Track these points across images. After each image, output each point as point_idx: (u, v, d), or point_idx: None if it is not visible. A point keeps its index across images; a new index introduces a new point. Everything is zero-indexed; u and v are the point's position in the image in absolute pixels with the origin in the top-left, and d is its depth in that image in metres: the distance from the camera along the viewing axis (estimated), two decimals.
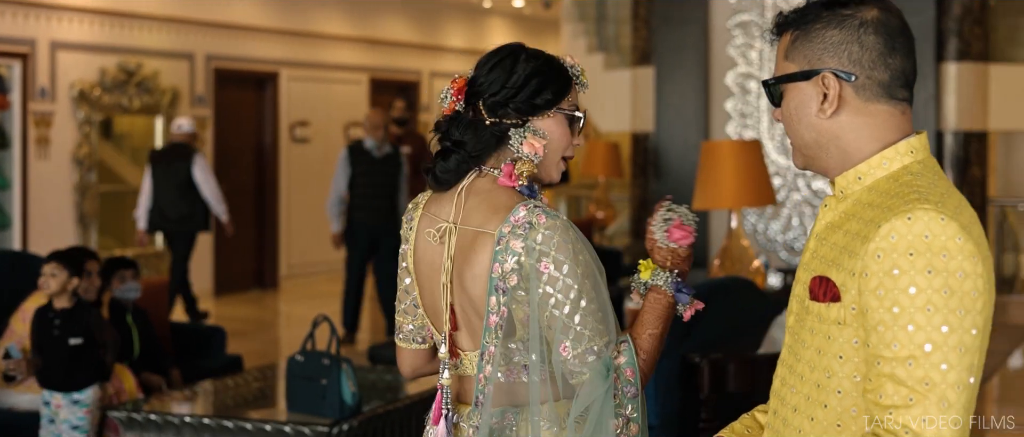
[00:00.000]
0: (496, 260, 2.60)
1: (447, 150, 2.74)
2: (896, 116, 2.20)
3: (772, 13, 11.38)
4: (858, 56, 2.17)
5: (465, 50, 18.67)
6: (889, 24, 2.17)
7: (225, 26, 14.29)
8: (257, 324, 12.46)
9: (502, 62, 2.75)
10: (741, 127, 11.52)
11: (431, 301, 2.80)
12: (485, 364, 2.64)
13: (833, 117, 2.21)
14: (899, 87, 2.19)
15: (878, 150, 2.20)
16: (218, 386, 6.40)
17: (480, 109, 2.73)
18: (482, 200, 2.70)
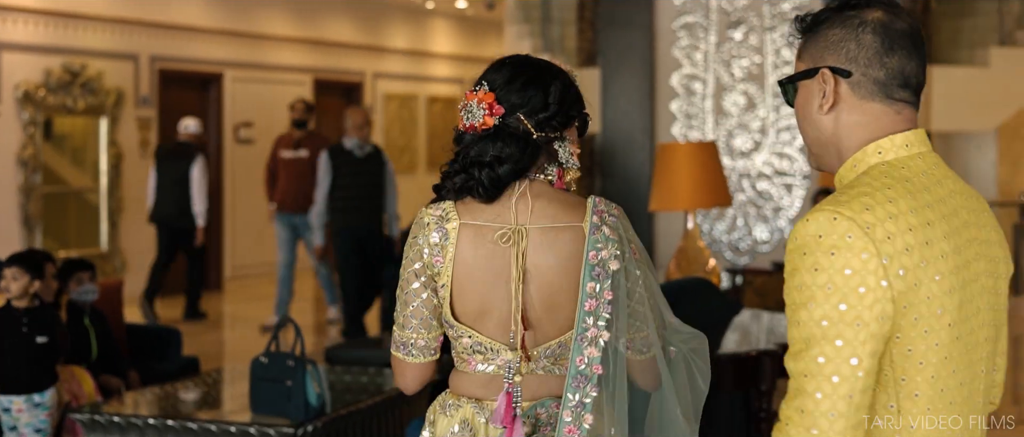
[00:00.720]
0: (592, 248, 2.77)
1: (491, 163, 2.85)
2: (890, 115, 2.24)
3: (717, 15, 11.50)
4: (855, 53, 2.23)
5: (408, 51, 18.68)
6: (892, 26, 2.23)
7: (169, 27, 14.24)
8: (202, 325, 12.41)
9: (534, 80, 2.90)
10: (686, 128, 11.62)
11: (478, 305, 2.86)
12: (585, 346, 2.75)
13: (830, 113, 2.27)
14: (897, 87, 2.24)
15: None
16: (179, 388, 6.40)
17: (525, 123, 2.87)
18: (550, 201, 2.87)
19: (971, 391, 2.19)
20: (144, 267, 13.83)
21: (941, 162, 2.27)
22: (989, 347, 2.24)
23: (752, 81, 11.42)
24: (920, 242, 2.10)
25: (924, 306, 2.09)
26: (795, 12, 11.26)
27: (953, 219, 2.17)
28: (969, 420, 2.18)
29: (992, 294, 2.23)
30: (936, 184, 2.20)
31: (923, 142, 2.25)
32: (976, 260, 2.19)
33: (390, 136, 18.17)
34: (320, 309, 14.00)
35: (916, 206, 2.13)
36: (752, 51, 11.41)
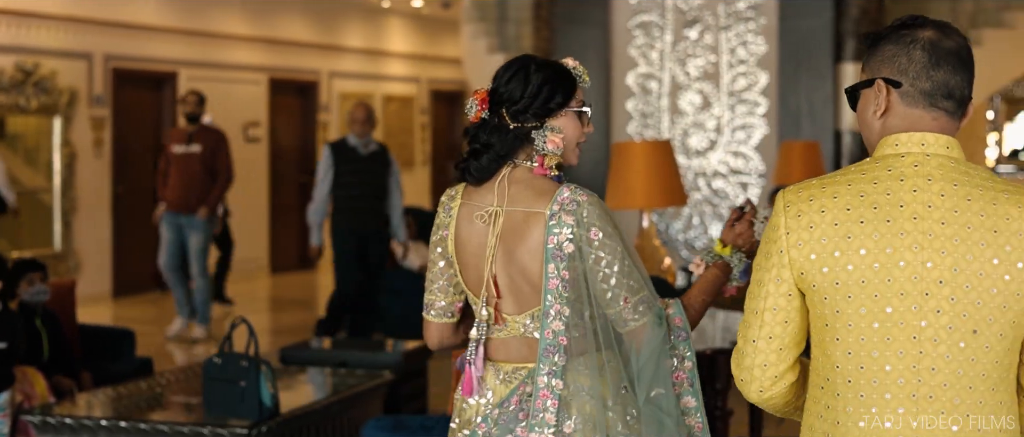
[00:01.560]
0: (551, 233, 3.11)
1: (478, 151, 3.25)
2: (927, 120, 2.51)
3: (672, 14, 11.53)
4: (905, 67, 2.52)
5: (364, 50, 18.63)
6: (940, 44, 2.51)
7: (123, 26, 14.14)
8: (157, 325, 12.33)
9: (517, 74, 3.24)
10: (642, 127, 11.64)
11: (475, 275, 3.26)
12: (551, 321, 3.13)
13: (882, 118, 2.56)
14: (941, 97, 2.51)
15: None
16: (132, 389, 6.35)
17: (504, 116, 3.23)
18: (525, 187, 3.21)
19: (895, 368, 2.43)
20: (98, 267, 13.74)
21: (948, 166, 2.47)
22: (934, 334, 2.42)
23: (708, 80, 11.45)
24: (841, 235, 2.44)
25: (831, 289, 2.44)
26: (749, 11, 11.33)
27: (892, 210, 2.43)
28: (890, 388, 2.43)
29: (944, 285, 2.41)
30: (906, 180, 2.45)
31: (943, 145, 2.49)
32: (911, 250, 2.41)
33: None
34: (276, 308, 13.96)
35: (844, 193, 2.46)
36: (708, 50, 11.44)
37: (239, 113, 16.00)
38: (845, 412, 2.47)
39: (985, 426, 2.46)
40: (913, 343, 2.42)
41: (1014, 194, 2.45)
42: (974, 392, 2.43)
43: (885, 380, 2.43)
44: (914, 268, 2.41)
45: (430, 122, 20.48)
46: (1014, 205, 2.43)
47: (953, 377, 2.42)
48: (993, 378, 2.45)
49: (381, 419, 5.71)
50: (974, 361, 2.42)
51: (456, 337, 3.42)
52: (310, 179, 17.32)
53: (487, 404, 3.27)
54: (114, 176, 14.06)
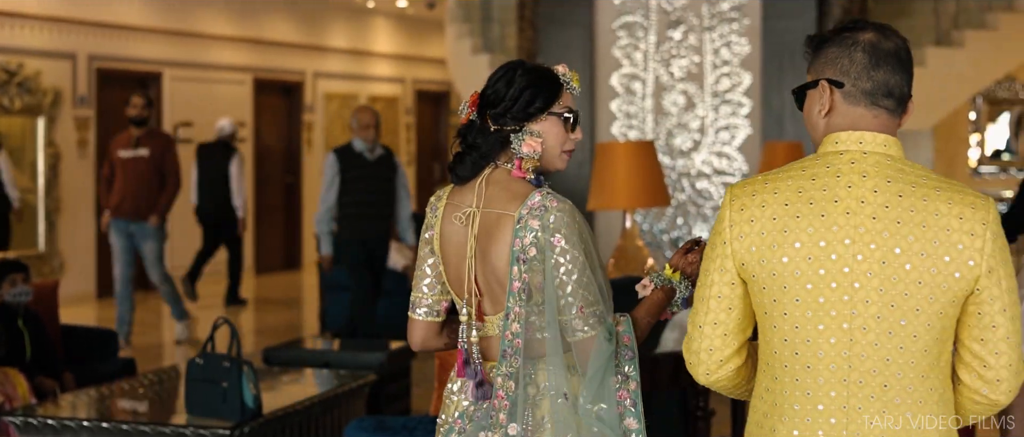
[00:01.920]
0: (517, 236, 3.15)
1: (463, 152, 3.30)
2: (868, 118, 2.68)
3: (656, 15, 11.54)
4: (847, 68, 2.67)
5: (349, 50, 18.62)
6: (880, 46, 2.67)
7: (108, 26, 14.12)
8: (141, 326, 12.32)
9: (503, 78, 3.28)
10: (626, 127, 11.65)
11: (457, 275, 3.31)
12: (511, 322, 3.16)
13: (827, 117, 2.71)
14: (882, 96, 2.67)
15: None
16: (115, 390, 6.35)
17: (487, 118, 3.27)
18: (501, 189, 3.25)
19: (827, 354, 2.59)
20: (82, 267, 13.72)
21: (883, 163, 2.63)
22: (863, 323, 2.58)
23: (692, 81, 11.46)
24: (778, 229, 2.61)
25: (769, 279, 2.61)
26: (733, 11, 11.35)
27: (826, 205, 2.59)
28: (823, 373, 2.60)
29: (874, 277, 2.57)
30: (842, 176, 2.61)
31: (880, 143, 2.65)
32: (842, 244, 2.57)
33: (331, 135, 18.11)
34: (260, 309, 13.94)
35: (784, 189, 2.63)
36: (692, 51, 11.46)
37: (224, 113, 15.97)
38: (782, 394, 2.65)
39: (911, 412, 2.60)
40: (844, 331, 2.58)
41: (945, 191, 2.60)
42: (903, 378, 2.59)
43: (818, 365, 2.60)
44: (845, 260, 2.57)
45: (415, 122, 20.48)
46: (943, 202, 2.58)
47: (882, 363, 2.58)
48: (922, 366, 2.60)
49: (363, 420, 5.71)
50: (902, 349, 2.57)
51: (439, 340, 3.45)
52: (295, 180, 17.36)
53: (466, 400, 3.33)
54: (98, 177, 14.02)
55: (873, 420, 2.59)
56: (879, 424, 2.59)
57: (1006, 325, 2.61)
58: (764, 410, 2.70)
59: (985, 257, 2.57)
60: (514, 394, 3.18)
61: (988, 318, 2.61)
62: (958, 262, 2.56)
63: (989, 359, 2.63)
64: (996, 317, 2.60)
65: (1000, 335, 2.61)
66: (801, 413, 2.62)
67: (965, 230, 2.57)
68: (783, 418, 2.65)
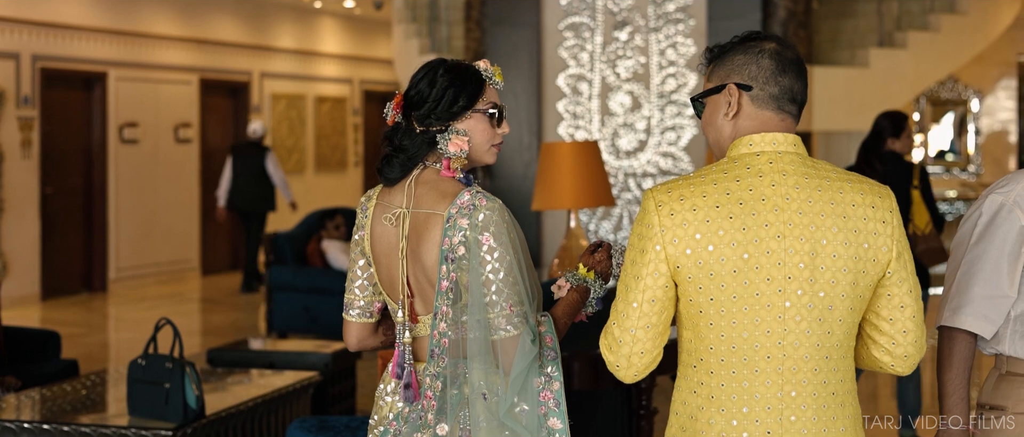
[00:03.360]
0: (446, 235, 3.16)
1: (390, 154, 3.30)
2: (775, 121, 2.85)
3: (602, 16, 11.57)
4: (755, 73, 2.84)
5: (296, 51, 18.56)
6: (783, 54, 2.85)
7: (51, 25, 14.02)
8: (86, 327, 12.25)
9: (425, 78, 3.29)
10: (573, 128, 11.68)
11: (388, 275, 3.32)
12: (439, 322, 3.20)
13: (734, 120, 2.86)
14: (787, 101, 2.85)
15: None
16: (56, 391, 6.30)
17: (412, 120, 3.28)
18: (430, 188, 3.25)
19: (763, 345, 2.73)
20: (27, 268, 13.60)
21: (794, 159, 2.80)
22: (797, 313, 2.73)
23: (637, 81, 11.50)
24: (712, 231, 2.72)
25: (706, 279, 2.72)
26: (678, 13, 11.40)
27: (755, 204, 2.73)
28: (759, 364, 2.73)
29: (805, 268, 2.73)
30: (764, 176, 2.76)
31: (791, 143, 2.82)
32: (775, 239, 2.72)
33: (278, 136, 18.06)
34: (206, 310, 13.88)
35: (712, 192, 2.74)
36: (637, 51, 11.50)
37: (170, 114, 15.91)
38: (719, 387, 2.76)
39: (836, 390, 2.79)
40: (779, 322, 2.73)
41: (856, 183, 2.80)
42: (830, 361, 2.77)
43: (754, 357, 2.74)
44: (778, 255, 2.72)
45: (363, 123, 20.44)
46: (857, 193, 2.78)
47: (813, 349, 2.75)
48: (845, 346, 2.80)
49: (306, 420, 5.70)
50: (830, 333, 2.76)
51: (375, 339, 3.47)
52: None
53: (400, 402, 3.33)
54: (42, 177, 13.93)
55: (805, 403, 2.74)
56: (810, 405, 2.75)
57: (912, 305, 2.83)
58: (698, 403, 2.80)
59: (895, 242, 2.79)
60: (441, 394, 3.19)
61: (897, 298, 2.82)
62: (875, 248, 2.77)
63: (898, 337, 2.84)
64: (904, 298, 2.82)
65: (908, 314, 2.83)
66: (738, 403, 2.75)
67: (878, 218, 2.77)
68: (721, 410, 2.76)
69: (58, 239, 14.22)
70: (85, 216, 14.78)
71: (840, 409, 2.78)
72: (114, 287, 14.88)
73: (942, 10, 12.89)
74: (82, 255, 14.78)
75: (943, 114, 17.48)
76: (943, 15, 12.78)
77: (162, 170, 15.74)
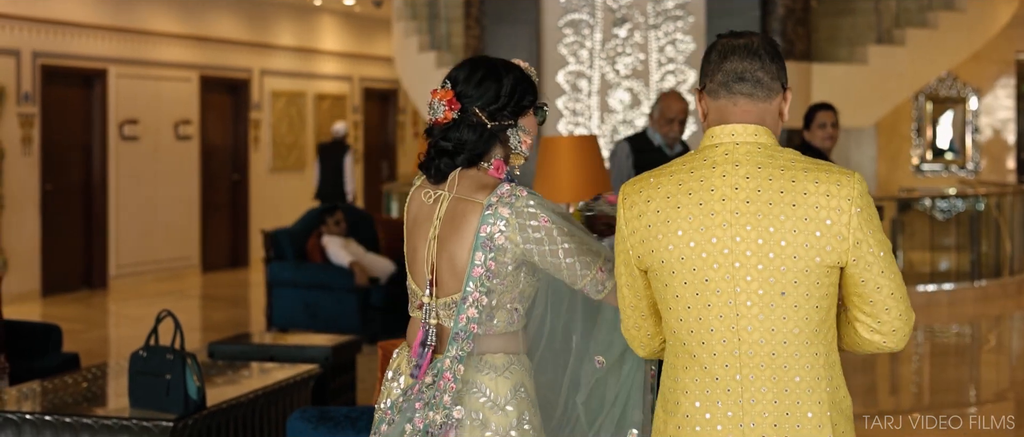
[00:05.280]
0: (485, 222, 3.24)
1: (449, 150, 3.33)
2: (728, 107, 2.92)
3: (602, 13, 11.60)
4: (705, 69, 2.97)
5: (295, 48, 18.59)
6: (730, 43, 2.93)
7: (52, 22, 14.04)
8: (86, 324, 12.28)
9: (490, 75, 3.35)
10: (572, 124, 11.71)
11: (413, 252, 3.40)
12: (468, 307, 3.26)
13: (706, 121, 2.97)
14: (733, 82, 2.91)
15: None
16: (57, 384, 6.32)
17: (479, 114, 3.32)
18: (471, 181, 3.32)
19: (718, 329, 2.82)
20: (27, 265, 13.63)
21: (751, 150, 2.86)
22: (748, 298, 2.81)
23: (637, 78, 11.53)
24: (661, 220, 2.84)
25: (659, 266, 2.85)
26: (677, 10, 11.42)
27: (704, 194, 2.82)
28: (716, 348, 2.82)
29: (752, 256, 2.80)
30: (717, 167, 2.84)
31: (751, 134, 2.88)
32: (721, 227, 2.80)
33: (278, 133, 18.08)
34: (206, 306, 13.91)
35: (666, 183, 2.87)
36: (637, 48, 11.53)
37: (170, 111, 15.93)
38: (683, 369, 2.87)
39: (799, 376, 2.82)
40: (730, 307, 2.81)
41: (812, 171, 2.83)
42: (789, 346, 2.81)
43: (711, 340, 2.83)
44: (725, 243, 2.80)
45: (362, 120, 20.47)
46: (811, 181, 2.81)
47: (768, 334, 2.80)
48: (806, 333, 2.82)
49: (306, 410, 5.72)
50: (785, 319, 2.80)
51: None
52: (241, 177, 17.31)
53: (399, 388, 3.39)
54: (43, 174, 13.96)
55: (764, 386, 2.80)
56: (771, 389, 2.79)
57: (888, 284, 2.85)
58: (668, 385, 2.92)
59: (852, 230, 2.79)
60: (463, 376, 3.26)
61: (872, 283, 2.84)
62: (828, 236, 2.79)
63: (882, 316, 2.88)
64: (878, 280, 2.84)
65: (885, 294, 2.86)
66: (701, 385, 2.84)
67: (832, 206, 2.79)
68: (685, 392, 2.86)
69: (58, 236, 14.25)
70: (85, 213, 14.81)
71: (806, 394, 2.80)
72: (114, 284, 14.91)
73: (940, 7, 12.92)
74: (82, 252, 14.80)
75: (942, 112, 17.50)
76: (941, 12, 12.81)
77: (162, 167, 15.76)
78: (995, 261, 14.25)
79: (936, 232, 14.04)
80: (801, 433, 2.79)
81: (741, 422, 2.80)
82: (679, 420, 2.86)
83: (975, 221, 14.08)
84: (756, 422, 2.79)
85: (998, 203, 14.48)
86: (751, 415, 2.80)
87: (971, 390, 9.48)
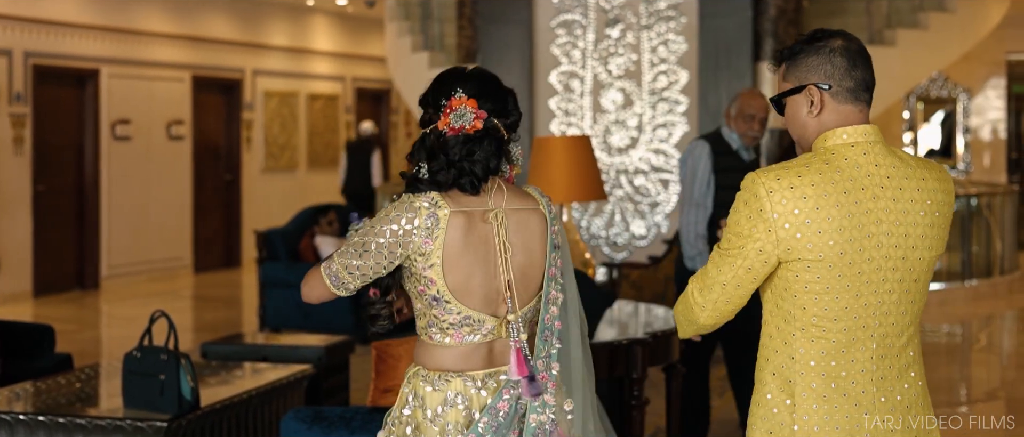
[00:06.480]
0: (552, 225, 3.43)
1: (485, 161, 3.34)
2: (856, 113, 3.10)
3: (594, 13, 11.62)
4: (831, 72, 3.09)
5: (288, 48, 18.59)
6: (850, 48, 3.11)
7: (44, 22, 14.04)
8: (79, 324, 12.28)
9: (499, 89, 3.44)
10: (565, 125, 11.72)
11: (463, 279, 3.32)
12: (550, 306, 3.39)
13: (818, 117, 3.11)
14: (862, 91, 3.10)
15: None
16: (50, 384, 6.32)
17: (501, 128, 3.40)
18: (512, 191, 3.43)
19: (861, 316, 3.04)
20: (19, 265, 13.63)
21: (883, 150, 3.07)
22: (890, 286, 3.05)
23: (629, 78, 11.55)
24: (810, 207, 2.98)
25: (804, 251, 2.99)
26: (670, 10, 11.44)
27: (857, 193, 3.00)
28: (857, 333, 3.04)
29: (899, 248, 3.04)
30: (860, 167, 3.03)
31: (876, 133, 3.08)
32: (875, 224, 3.01)
33: (270, 133, 18.08)
34: (199, 307, 13.91)
35: (818, 181, 2.99)
36: (629, 49, 11.55)
37: (162, 111, 15.93)
38: (820, 354, 3.05)
39: (916, 365, 3.16)
40: (875, 295, 3.03)
41: (923, 167, 3.12)
42: (912, 326, 3.13)
43: (853, 327, 3.04)
44: (878, 238, 3.02)
45: (355, 120, 20.47)
46: (924, 169, 3.11)
47: (900, 317, 3.09)
48: (920, 308, 3.15)
49: (301, 410, 5.73)
50: (914, 302, 3.11)
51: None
52: (234, 177, 17.31)
53: (466, 413, 3.36)
54: (35, 174, 13.96)
55: (891, 364, 3.10)
56: (894, 365, 3.10)
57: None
58: (798, 369, 3.08)
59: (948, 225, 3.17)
60: (559, 373, 3.41)
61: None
62: (945, 228, 3.15)
63: None
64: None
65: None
66: (838, 368, 3.06)
67: (947, 200, 3.13)
68: (821, 374, 3.06)
69: (50, 236, 14.25)
70: (77, 213, 14.81)
71: (918, 367, 3.17)
72: (106, 284, 14.91)
73: (931, 8, 12.95)
74: (74, 252, 14.80)
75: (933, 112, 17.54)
76: (932, 13, 12.84)
77: (154, 167, 15.76)
78: (986, 261, 14.30)
79: None
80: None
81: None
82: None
83: (966, 221, 14.11)
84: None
85: (989, 203, 14.52)
86: (882, 390, 3.09)
87: (962, 389, 9.51)
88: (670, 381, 6.29)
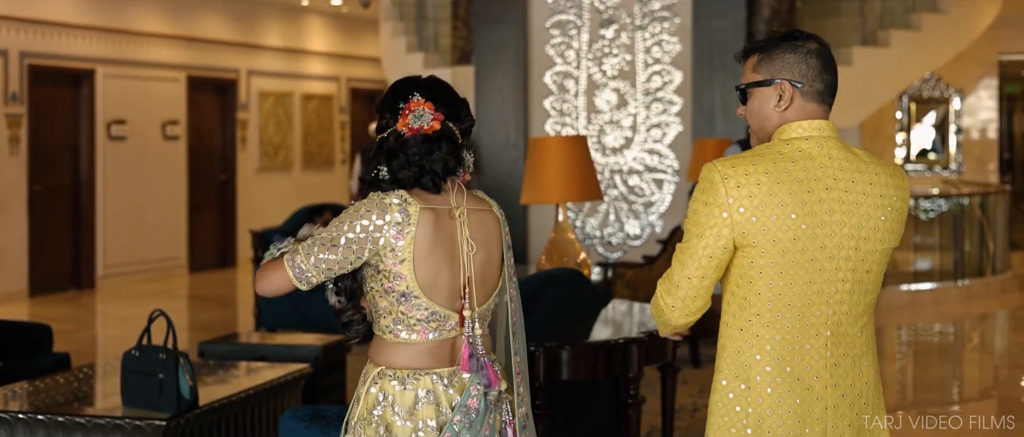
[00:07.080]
0: (504, 226, 3.53)
1: (445, 160, 3.40)
2: (819, 113, 3.23)
3: (589, 13, 11.66)
4: (805, 72, 3.21)
5: (283, 48, 18.60)
6: (824, 53, 3.24)
7: (40, 23, 14.06)
8: (75, 324, 12.30)
9: (453, 96, 3.50)
10: (559, 125, 11.76)
11: (431, 276, 3.37)
12: (511, 303, 3.52)
13: (784, 112, 3.22)
14: (828, 95, 3.24)
15: None
16: (49, 383, 6.34)
17: (457, 133, 3.45)
18: (469, 192, 3.49)
19: (815, 302, 3.13)
20: (15, 265, 13.64)
21: (837, 145, 3.18)
22: (843, 275, 3.14)
23: (623, 79, 11.59)
24: (776, 203, 3.07)
25: (759, 234, 3.08)
26: (664, 11, 11.48)
27: (811, 183, 3.10)
28: (811, 319, 3.13)
29: (851, 239, 3.13)
30: (814, 158, 3.14)
31: (831, 129, 3.21)
32: (827, 213, 3.10)
33: (265, 134, 18.10)
34: (194, 307, 13.93)
35: (772, 169, 3.09)
36: (623, 49, 11.58)
37: (157, 111, 15.95)
38: (775, 339, 3.14)
39: (870, 352, 3.26)
40: (829, 283, 3.13)
41: (876, 163, 3.23)
42: (865, 315, 3.23)
43: (807, 312, 3.13)
44: (830, 227, 3.11)
45: (350, 121, 20.49)
46: (877, 166, 3.22)
47: (853, 306, 3.18)
48: (872, 299, 3.25)
49: (299, 409, 5.77)
50: (866, 293, 3.21)
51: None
52: (229, 178, 17.33)
53: (437, 411, 3.40)
54: (30, 174, 13.97)
55: (844, 351, 3.18)
56: (848, 353, 3.19)
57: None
58: (744, 339, 3.18)
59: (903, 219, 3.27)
60: (523, 368, 3.57)
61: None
62: (899, 223, 3.24)
63: None
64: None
65: None
66: (793, 352, 3.14)
67: (901, 197, 3.24)
68: (776, 358, 3.14)
69: (46, 236, 14.26)
70: (73, 213, 14.82)
71: (871, 355, 3.26)
72: (102, 284, 14.93)
73: (924, 9, 13.00)
74: (70, 252, 14.81)
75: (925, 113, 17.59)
76: (925, 14, 12.89)
77: (150, 167, 15.78)
78: (978, 260, 14.35)
79: (920, 232, 14.12)
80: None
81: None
82: None
83: (958, 221, 14.17)
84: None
85: (981, 203, 14.58)
86: (835, 375, 3.18)
87: (954, 388, 9.55)
88: (666, 380, 6.33)
